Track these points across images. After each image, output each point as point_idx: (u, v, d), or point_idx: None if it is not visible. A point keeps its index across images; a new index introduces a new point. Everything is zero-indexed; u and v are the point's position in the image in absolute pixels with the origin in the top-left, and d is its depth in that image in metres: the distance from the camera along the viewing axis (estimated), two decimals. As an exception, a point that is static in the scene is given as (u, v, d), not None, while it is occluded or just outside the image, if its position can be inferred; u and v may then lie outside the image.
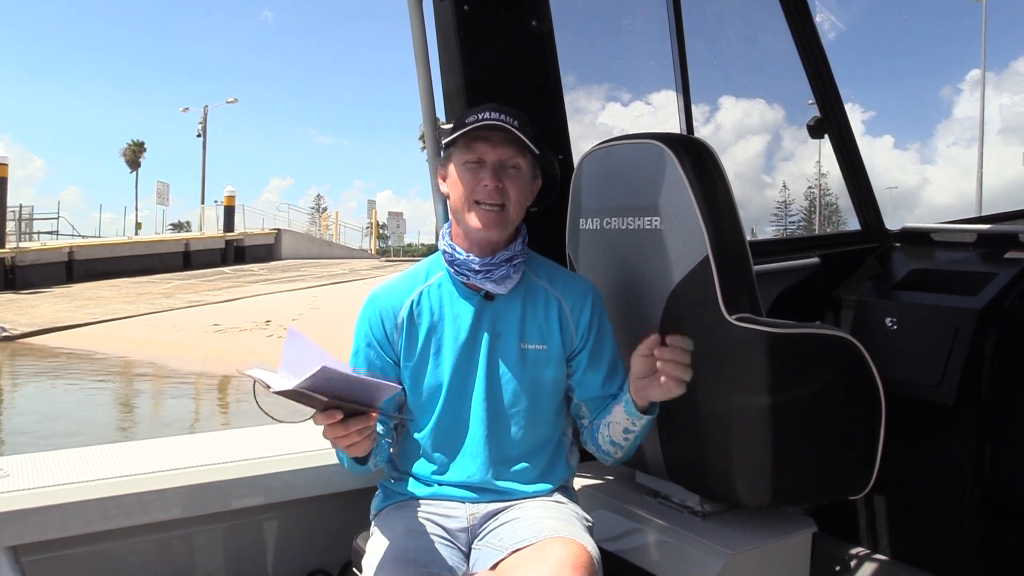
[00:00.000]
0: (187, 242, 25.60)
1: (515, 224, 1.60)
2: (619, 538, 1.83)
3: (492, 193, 1.53)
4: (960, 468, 2.05)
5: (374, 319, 1.63)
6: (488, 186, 1.53)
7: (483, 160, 1.55)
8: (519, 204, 1.58)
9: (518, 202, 1.57)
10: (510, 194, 1.55)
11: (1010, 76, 62.70)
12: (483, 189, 1.54)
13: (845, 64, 2.64)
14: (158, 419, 9.23)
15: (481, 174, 1.54)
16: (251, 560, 2.03)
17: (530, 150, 1.56)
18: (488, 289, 1.60)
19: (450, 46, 2.06)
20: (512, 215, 1.57)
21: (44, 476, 1.79)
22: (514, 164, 1.56)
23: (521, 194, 1.57)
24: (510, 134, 1.53)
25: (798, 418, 1.64)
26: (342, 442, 1.36)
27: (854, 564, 2.22)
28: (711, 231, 1.59)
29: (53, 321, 14.84)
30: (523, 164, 1.57)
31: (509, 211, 1.56)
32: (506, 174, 1.55)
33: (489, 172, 1.54)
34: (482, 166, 1.55)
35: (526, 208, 1.61)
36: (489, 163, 1.55)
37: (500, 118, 1.52)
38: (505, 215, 1.55)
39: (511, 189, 1.55)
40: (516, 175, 1.56)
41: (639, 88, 3.44)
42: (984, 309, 2.04)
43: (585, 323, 1.63)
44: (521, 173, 1.57)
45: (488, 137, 1.54)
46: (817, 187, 56.70)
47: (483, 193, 1.54)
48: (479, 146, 1.55)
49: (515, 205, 1.56)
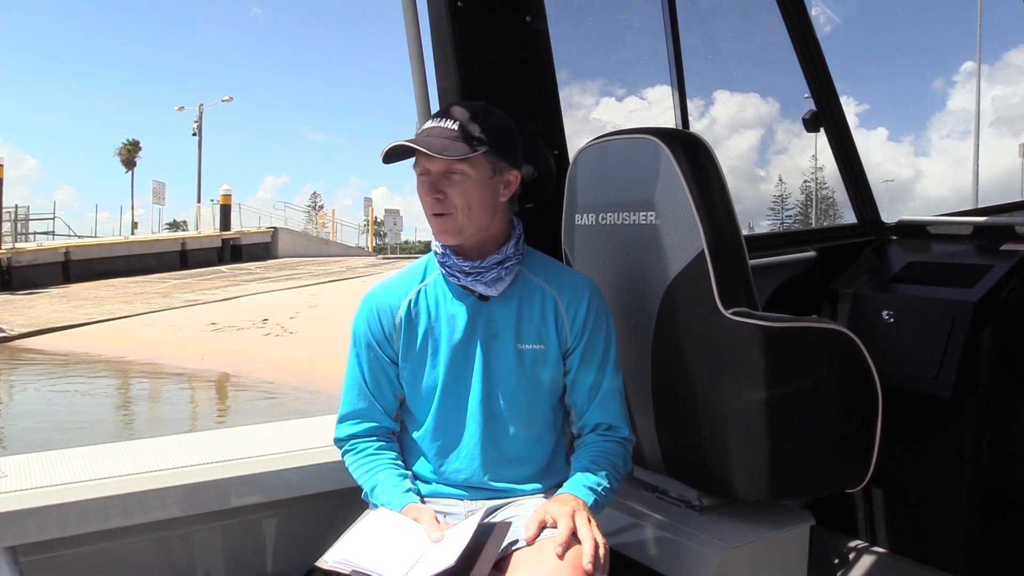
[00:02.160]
0: (184, 241, 25.49)
1: (475, 227, 1.55)
2: (617, 533, 1.83)
3: (435, 204, 1.52)
4: (957, 460, 2.05)
5: (372, 318, 1.63)
6: (427, 199, 1.53)
7: (427, 170, 1.53)
8: (471, 209, 1.53)
9: (467, 208, 1.52)
10: (455, 201, 1.52)
11: (1003, 68, 62.78)
12: (429, 203, 1.54)
13: (839, 57, 2.64)
14: (155, 418, 9.23)
15: (425, 187, 1.54)
16: (250, 558, 2.03)
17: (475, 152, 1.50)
18: (480, 291, 1.59)
19: (444, 42, 2.05)
20: (462, 220, 1.53)
21: (42, 476, 1.79)
22: (456, 170, 1.51)
23: (467, 199, 1.52)
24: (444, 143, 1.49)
25: (795, 412, 1.64)
26: None
27: (852, 557, 2.23)
28: (707, 226, 1.59)
29: (50, 321, 14.80)
30: (467, 169, 1.52)
31: (457, 217, 1.52)
32: (449, 181, 1.52)
33: (428, 184, 1.53)
34: (428, 176, 1.54)
35: (492, 208, 1.56)
36: (431, 174, 1.53)
37: (438, 125, 1.52)
38: (453, 222, 1.52)
39: (454, 195, 1.52)
40: (461, 180, 1.52)
41: (633, 83, 3.44)
42: (980, 301, 2.05)
43: (580, 321, 1.60)
44: (467, 178, 1.52)
45: (427, 146, 1.49)
46: (813, 181, 56.74)
47: (430, 206, 1.54)
48: (421, 159, 1.53)
49: (463, 211, 1.52)
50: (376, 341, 1.62)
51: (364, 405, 1.64)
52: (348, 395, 1.66)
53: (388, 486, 1.56)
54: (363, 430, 1.64)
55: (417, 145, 1.48)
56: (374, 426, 1.64)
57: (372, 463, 1.60)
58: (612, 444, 1.59)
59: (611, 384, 1.61)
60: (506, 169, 1.57)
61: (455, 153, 1.49)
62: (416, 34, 2.00)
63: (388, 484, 1.56)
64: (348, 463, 1.65)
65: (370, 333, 1.63)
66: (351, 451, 1.65)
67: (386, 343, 1.62)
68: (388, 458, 1.62)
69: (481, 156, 1.52)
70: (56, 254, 21.74)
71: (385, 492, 1.55)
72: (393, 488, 1.55)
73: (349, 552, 1.39)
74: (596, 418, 1.60)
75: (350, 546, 1.41)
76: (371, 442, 1.64)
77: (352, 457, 1.65)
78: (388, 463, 1.61)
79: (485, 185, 1.54)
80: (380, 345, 1.62)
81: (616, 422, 1.60)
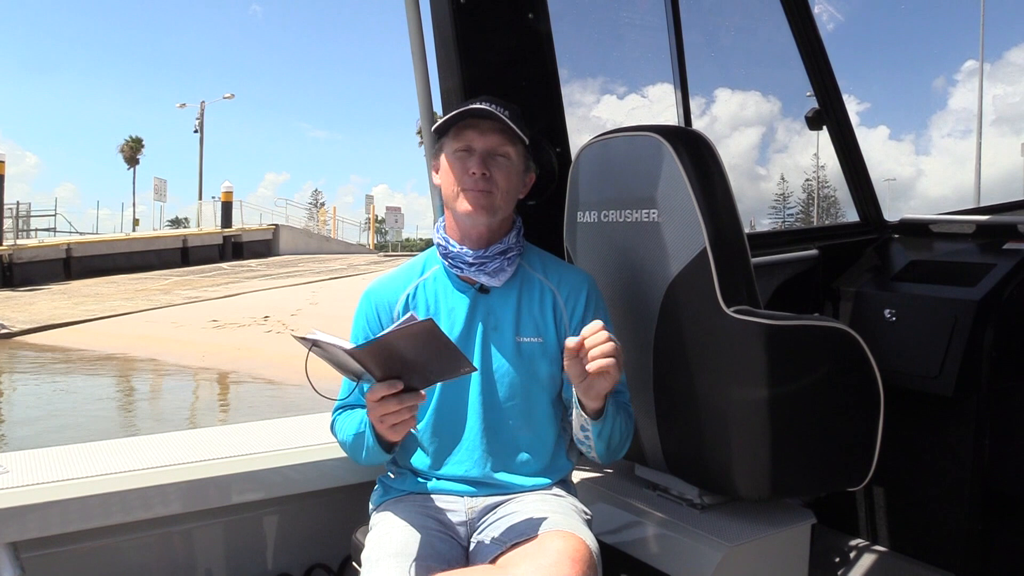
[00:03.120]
0: (185, 238, 25.53)
1: (505, 212, 1.59)
2: (618, 531, 1.83)
3: (479, 181, 1.54)
4: (959, 459, 2.05)
5: (371, 314, 1.65)
6: (475, 173, 1.53)
7: (472, 148, 1.55)
8: (508, 193, 1.57)
9: (507, 191, 1.56)
10: (498, 181, 1.55)
11: (1003, 67, 62.68)
12: (470, 178, 1.54)
13: (840, 55, 2.63)
14: (156, 415, 9.23)
15: (469, 162, 1.55)
16: (251, 555, 2.03)
17: (521, 140, 1.56)
18: (482, 282, 1.60)
19: (447, 40, 2.05)
20: (500, 201, 1.56)
21: (44, 472, 1.79)
22: (503, 152, 1.56)
23: (510, 182, 1.57)
24: (499, 122, 1.53)
25: (797, 410, 1.64)
26: (391, 419, 1.33)
27: (853, 556, 2.23)
28: (709, 223, 1.59)
29: (51, 318, 14.82)
30: (512, 153, 1.57)
31: (497, 197, 1.55)
32: (494, 162, 1.55)
33: (476, 159, 1.54)
34: (471, 154, 1.55)
35: (516, 198, 1.61)
36: (477, 151, 1.55)
37: (490, 108, 1.52)
38: (492, 199, 1.54)
39: (499, 177, 1.55)
40: (505, 163, 1.56)
41: (634, 81, 3.43)
42: (983, 300, 2.04)
43: (579, 315, 1.61)
44: (510, 162, 1.57)
45: (476, 125, 1.54)
46: (815, 179, 56.68)
47: (470, 182, 1.54)
48: (468, 134, 1.55)
49: (503, 193, 1.56)
50: (374, 335, 1.61)
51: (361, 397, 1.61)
52: (346, 387, 1.64)
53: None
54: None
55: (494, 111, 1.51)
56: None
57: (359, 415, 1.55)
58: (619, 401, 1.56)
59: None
60: (532, 168, 1.65)
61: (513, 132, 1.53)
62: (419, 33, 2.01)
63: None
64: (337, 429, 1.63)
65: (368, 328, 1.64)
66: (339, 420, 1.63)
67: None
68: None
69: (523, 147, 1.59)
70: (58, 251, 21.77)
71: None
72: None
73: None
74: None
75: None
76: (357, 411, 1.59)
77: (341, 422, 1.62)
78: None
79: (519, 175, 1.60)
80: None
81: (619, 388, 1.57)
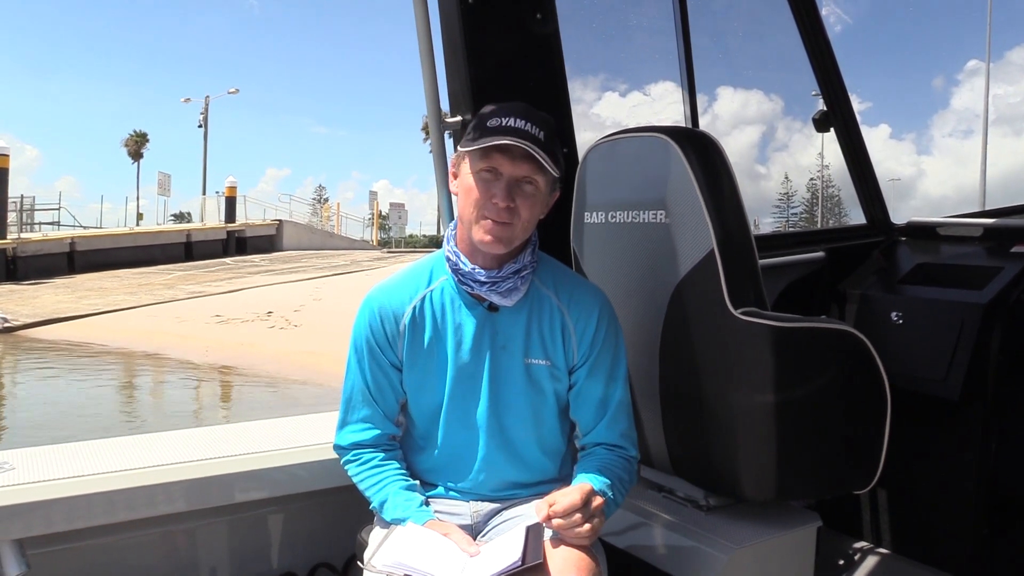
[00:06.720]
0: (189, 233, 25.56)
1: (523, 239, 1.50)
2: (624, 533, 1.83)
3: (502, 212, 1.43)
4: (965, 463, 2.05)
5: (375, 321, 1.57)
6: (499, 204, 1.43)
7: (499, 172, 1.44)
8: (529, 222, 1.47)
9: (528, 220, 1.46)
10: (521, 213, 1.44)
11: (1005, 66, 62.42)
12: (493, 206, 1.43)
13: (842, 54, 2.63)
14: (159, 409, 9.25)
15: (494, 188, 1.44)
16: (255, 553, 2.03)
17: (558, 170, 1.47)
18: (494, 301, 1.52)
19: (455, 41, 2.04)
20: (520, 232, 1.47)
21: (49, 470, 1.79)
22: (530, 181, 1.45)
23: (532, 213, 1.47)
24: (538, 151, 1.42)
25: (803, 412, 1.64)
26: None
27: (858, 558, 2.22)
28: (716, 225, 1.58)
29: (55, 312, 14.84)
30: (541, 182, 1.46)
31: (517, 228, 1.45)
32: (520, 191, 1.44)
33: (503, 189, 1.43)
34: (497, 179, 1.44)
35: (536, 222, 1.51)
36: (505, 177, 1.44)
37: (525, 129, 1.41)
38: (512, 231, 1.45)
39: (523, 208, 1.44)
40: (531, 192, 1.45)
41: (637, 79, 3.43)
42: (990, 304, 2.04)
43: (588, 338, 1.54)
44: (537, 191, 1.46)
45: (508, 149, 1.42)
46: (820, 179, 56.55)
47: (493, 211, 1.43)
48: (497, 157, 1.43)
49: (524, 223, 1.46)
50: (379, 345, 1.56)
51: (367, 411, 1.58)
52: (349, 400, 1.60)
53: (400, 501, 1.51)
54: (367, 439, 1.58)
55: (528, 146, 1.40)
56: (377, 433, 1.58)
57: (379, 476, 1.55)
58: (619, 459, 1.54)
59: (619, 399, 1.56)
60: (557, 188, 1.55)
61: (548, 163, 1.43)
62: (427, 33, 1.99)
63: (400, 499, 1.51)
64: (352, 473, 1.60)
65: (372, 337, 1.56)
66: (354, 461, 1.59)
67: (389, 348, 1.56)
68: (394, 468, 1.56)
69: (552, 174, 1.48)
70: (61, 244, 21.81)
71: (398, 507, 1.50)
72: (407, 503, 1.50)
73: (398, 555, 1.37)
74: (602, 437, 1.56)
75: (396, 551, 1.39)
76: (375, 453, 1.58)
77: (356, 468, 1.59)
78: (395, 475, 1.55)
79: (544, 202, 1.51)
80: (383, 350, 1.56)
81: (623, 443, 1.56)
